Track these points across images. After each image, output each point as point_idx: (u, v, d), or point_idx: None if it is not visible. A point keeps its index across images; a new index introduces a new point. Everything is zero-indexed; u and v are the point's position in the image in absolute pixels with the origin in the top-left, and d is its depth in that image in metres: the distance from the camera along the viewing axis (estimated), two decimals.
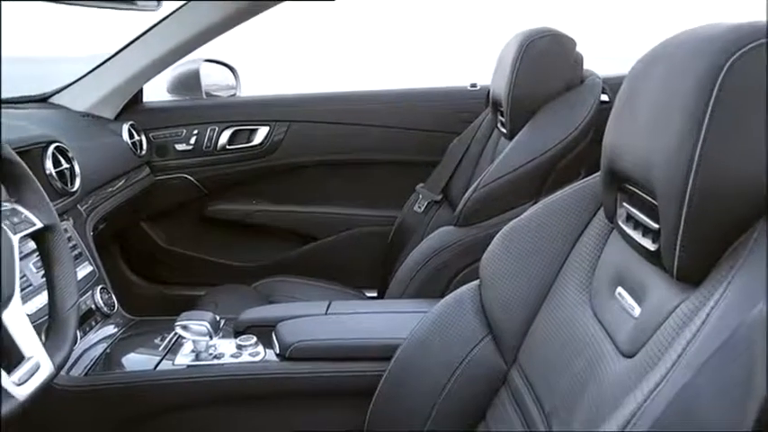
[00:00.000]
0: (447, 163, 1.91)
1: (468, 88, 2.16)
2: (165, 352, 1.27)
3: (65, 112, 1.94)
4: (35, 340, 0.89)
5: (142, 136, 2.07)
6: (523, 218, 1.04)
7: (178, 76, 2.24)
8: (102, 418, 1.24)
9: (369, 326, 1.28)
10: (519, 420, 0.93)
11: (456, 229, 1.51)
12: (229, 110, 2.21)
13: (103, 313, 1.39)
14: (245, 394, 1.22)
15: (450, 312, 1.06)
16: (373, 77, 8.27)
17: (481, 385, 1.02)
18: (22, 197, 0.99)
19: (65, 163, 1.51)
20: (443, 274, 1.49)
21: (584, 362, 0.80)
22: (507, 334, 1.00)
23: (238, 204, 2.25)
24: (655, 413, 0.56)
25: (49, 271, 1.00)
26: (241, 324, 1.31)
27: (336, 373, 1.20)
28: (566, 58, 1.55)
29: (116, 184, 1.85)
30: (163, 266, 2.29)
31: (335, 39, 36.00)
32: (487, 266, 1.05)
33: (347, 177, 2.21)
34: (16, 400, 0.83)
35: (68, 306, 0.99)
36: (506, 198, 1.46)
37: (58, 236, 1.01)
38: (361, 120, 2.16)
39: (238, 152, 2.17)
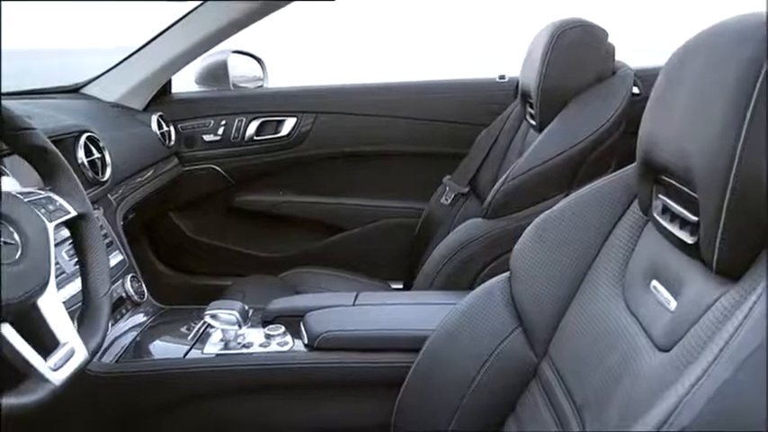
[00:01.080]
0: (474, 155, 1.90)
1: (496, 80, 2.14)
2: (194, 341, 1.28)
3: (95, 102, 1.96)
4: (70, 326, 0.91)
5: (171, 127, 2.09)
6: (555, 210, 1.02)
7: (206, 67, 2.25)
8: (132, 404, 1.25)
9: (397, 317, 1.28)
10: (549, 413, 0.92)
11: (484, 221, 1.50)
12: (257, 101, 2.22)
13: (134, 301, 1.40)
14: (273, 383, 1.22)
15: (480, 304, 1.06)
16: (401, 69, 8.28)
17: (511, 378, 1.01)
18: (56, 185, 1.01)
19: (96, 153, 1.53)
20: (471, 267, 1.49)
21: (618, 355, 0.80)
22: (538, 327, 0.99)
23: (265, 195, 2.26)
24: (695, 408, 0.55)
25: (82, 258, 1.02)
26: (269, 314, 1.32)
27: (364, 364, 1.20)
28: (597, 50, 1.53)
29: (145, 174, 1.87)
30: (190, 256, 2.31)
31: (363, 30, 36.15)
32: (518, 258, 1.04)
33: (374, 169, 2.21)
34: (52, 385, 0.84)
35: (102, 293, 1.00)
36: (536, 190, 1.45)
37: (92, 224, 1.02)
38: (389, 111, 2.15)
39: (266, 143, 2.18)
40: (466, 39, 23.76)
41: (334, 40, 24.35)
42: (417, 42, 18.59)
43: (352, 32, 36.09)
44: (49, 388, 0.83)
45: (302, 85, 2.33)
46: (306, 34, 24.46)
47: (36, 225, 0.90)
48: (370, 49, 18.49)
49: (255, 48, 2.43)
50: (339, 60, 12.82)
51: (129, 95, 2.02)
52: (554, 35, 1.50)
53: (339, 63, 12.07)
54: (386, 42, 18.72)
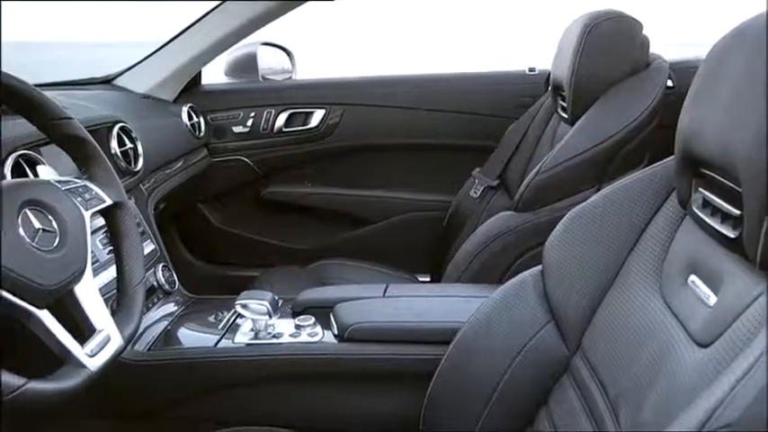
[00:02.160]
0: (504, 148, 1.89)
1: (526, 72, 2.13)
2: (224, 330, 1.29)
3: (127, 93, 1.98)
4: (106, 314, 0.92)
5: (200, 118, 2.10)
6: (589, 203, 1.01)
7: (235, 59, 2.26)
8: (163, 392, 1.26)
9: (427, 309, 1.28)
10: (582, 407, 0.92)
11: (515, 214, 1.49)
12: (286, 93, 2.22)
13: (165, 291, 1.42)
14: (303, 374, 1.23)
15: (512, 297, 1.05)
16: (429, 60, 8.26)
17: (543, 371, 1.01)
18: (92, 174, 1.02)
19: (128, 143, 1.54)
20: (501, 260, 1.48)
21: (654, 350, 0.79)
22: (571, 321, 0.98)
23: (293, 187, 2.26)
24: (740, 406, 0.54)
25: (117, 247, 1.03)
26: (299, 304, 1.32)
27: (394, 356, 1.20)
28: (632, 42, 1.51)
29: (175, 165, 1.88)
30: (218, 247, 2.33)
31: (394, 22, 36.19)
32: (551, 252, 1.03)
33: (402, 161, 2.21)
34: (88, 371, 0.85)
35: (136, 281, 1.01)
36: (567, 184, 1.44)
37: (127, 213, 1.03)
38: (417, 104, 2.15)
39: (294, 135, 2.18)
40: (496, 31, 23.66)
41: (365, 31, 24.47)
42: (446, 35, 18.53)
43: (382, 24, 36.11)
44: (86, 374, 0.85)
45: (331, 77, 2.33)
46: (335, 26, 24.45)
47: (73, 213, 0.91)
48: (400, 40, 18.45)
49: (284, 40, 2.43)
50: (368, 52, 12.83)
51: (159, 87, 2.04)
52: (587, 26, 1.48)
53: (368, 55, 12.07)
54: (415, 34, 18.69)
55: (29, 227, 0.83)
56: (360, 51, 12.34)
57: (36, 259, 0.81)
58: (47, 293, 0.82)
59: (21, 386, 0.75)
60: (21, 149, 1.15)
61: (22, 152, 1.16)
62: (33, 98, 0.93)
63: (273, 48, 2.38)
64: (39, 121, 0.96)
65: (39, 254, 0.82)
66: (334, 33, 35.08)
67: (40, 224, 0.84)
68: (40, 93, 0.94)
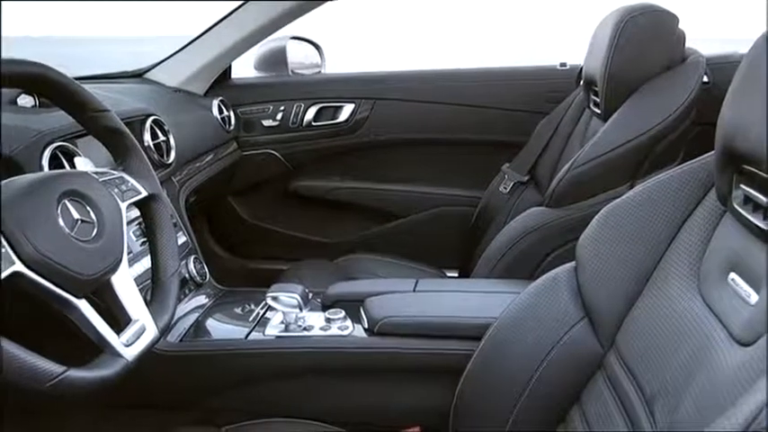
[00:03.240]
0: (534, 143, 1.87)
1: (557, 67, 2.11)
2: (254, 322, 1.30)
3: (159, 87, 2.00)
4: (141, 304, 0.93)
5: (231, 111, 2.12)
6: (625, 199, 1.00)
7: (265, 53, 2.28)
8: (194, 383, 1.28)
9: (458, 304, 1.27)
10: (615, 404, 0.91)
11: (546, 210, 1.48)
12: (315, 87, 2.23)
13: (196, 282, 1.43)
14: (333, 367, 1.23)
15: (545, 293, 1.04)
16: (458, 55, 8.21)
17: (575, 368, 1.00)
18: (128, 166, 1.03)
19: (161, 136, 1.56)
20: (533, 256, 1.47)
21: (692, 348, 0.77)
22: (605, 318, 0.97)
23: (322, 181, 2.27)
24: None
25: (152, 238, 1.04)
26: (329, 298, 1.33)
27: (424, 351, 1.20)
28: (667, 36, 1.49)
29: (206, 158, 1.90)
30: (247, 240, 2.34)
31: (422, 16, 36.05)
32: (585, 248, 1.02)
33: (431, 156, 2.20)
34: (125, 360, 0.86)
35: (171, 272, 1.02)
36: (600, 180, 1.42)
37: (162, 205, 1.04)
38: (446, 98, 2.14)
39: (323, 129, 2.19)
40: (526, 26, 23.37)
41: (393, 25, 24.36)
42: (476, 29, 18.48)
43: (410, 18, 36.02)
44: (123, 363, 0.86)
45: (361, 72, 2.33)
46: (365, 19, 24.43)
47: (110, 204, 0.92)
48: (429, 35, 18.39)
49: (314, 34, 2.44)
50: (398, 46, 12.81)
51: (190, 80, 2.06)
52: (622, 20, 1.46)
53: (397, 49, 12.06)
54: (444, 28, 18.63)
55: (68, 217, 0.84)
56: (389, 45, 12.33)
57: (75, 249, 0.83)
58: (85, 283, 0.83)
59: (61, 374, 0.77)
60: (58, 141, 1.17)
61: (59, 144, 1.17)
62: (73, 90, 0.94)
63: (303, 42, 2.39)
64: (77, 114, 0.98)
65: (77, 244, 0.83)
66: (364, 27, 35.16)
67: (79, 215, 0.86)
68: (80, 85, 0.96)
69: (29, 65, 0.88)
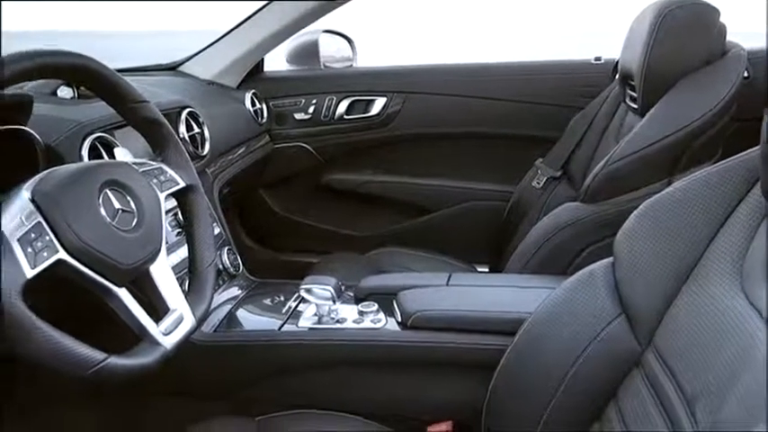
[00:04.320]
0: (568, 138, 1.85)
1: (591, 62, 2.08)
2: (287, 314, 1.31)
3: (192, 80, 2.02)
4: (179, 294, 0.94)
5: (263, 104, 2.13)
6: (665, 195, 0.98)
7: (297, 46, 2.28)
8: (227, 373, 1.29)
9: (491, 299, 1.27)
10: (654, 403, 0.89)
11: (581, 205, 1.46)
12: (347, 80, 2.23)
13: (229, 274, 1.44)
14: (366, 360, 1.23)
15: (582, 289, 1.03)
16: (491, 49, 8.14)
17: (612, 365, 0.98)
18: (167, 157, 1.04)
19: (196, 128, 1.57)
20: (566, 251, 1.45)
21: (736, 347, 0.76)
22: (643, 315, 0.96)
23: (353, 174, 2.27)
24: None
25: (189, 229, 1.05)
26: (362, 291, 1.33)
27: (457, 345, 1.19)
28: (707, 30, 1.46)
29: (239, 150, 1.91)
30: (277, 233, 2.36)
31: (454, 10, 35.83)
32: (623, 244, 1.00)
33: (463, 150, 2.19)
34: (164, 348, 0.87)
35: (207, 263, 1.03)
36: (637, 176, 1.40)
37: (200, 196, 1.05)
38: (479, 92, 2.12)
39: (355, 122, 2.19)
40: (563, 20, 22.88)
41: (425, 19, 24.18)
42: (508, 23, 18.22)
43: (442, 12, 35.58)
44: (162, 351, 0.87)
45: (393, 65, 2.32)
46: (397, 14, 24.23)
47: (150, 194, 0.93)
48: (461, 28, 18.28)
49: (346, 27, 2.44)
50: (429, 40, 12.76)
51: (223, 73, 2.08)
52: (661, 14, 1.43)
53: (429, 43, 12.01)
54: (476, 22, 18.43)
55: (109, 207, 0.85)
56: (422, 39, 12.29)
57: (116, 238, 0.84)
58: (125, 272, 0.85)
59: (102, 361, 0.78)
60: (97, 132, 1.19)
61: (99, 135, 1.19)
62: (114, 82, 0.96)
63: (335, 35, 2.39)
64: (117, 104, 0.99)
65: (118, 233, 0.84)
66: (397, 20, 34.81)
67: (120, 204, 0.87)
68: (120, 76, 0.97)
69: (72, 56, 0.89)
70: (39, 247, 0.75)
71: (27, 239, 0.74)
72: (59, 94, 1.36)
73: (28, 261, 0.73)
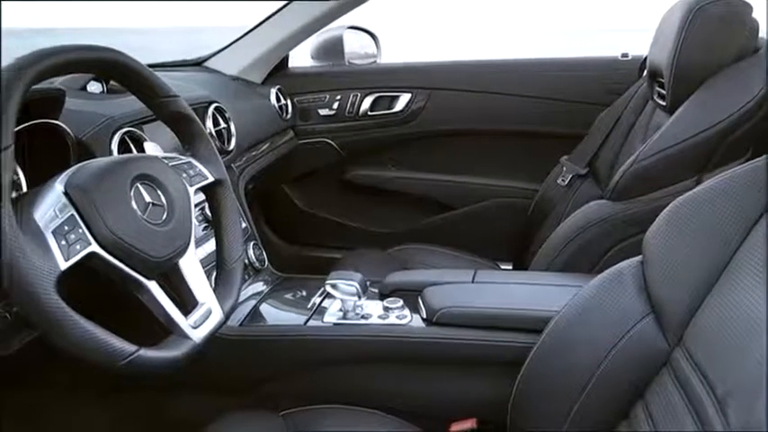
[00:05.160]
0: (594, 135, 1.83)
1: (618, 58, 2.06)
2: (313, 309, 1.31)
3: (218, 75, 2.03)
4: (208, 288, 0.94)
5: (288, 100, 2.13)
6: (695, 193, 0.97)
7: (322, 42, 2.28)
8: (252, 368, 1.29)
9: (518, 297, 1.26)
10: (683, 403, 0.88)
11: (608, 203, 1.45)
12: (372, 76, 2.23)
13: (255, 268, 1.45)
14: (390, 356, 1.23)
15: (610, 287, 1.02)
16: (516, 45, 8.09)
17: (640, 364, 0.98)
18: (196, 151, 1.05)
19: (222, 123, 1.58)
20: (594, 249, 1.44)
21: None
22: (672, 314, 0.95)
23: (377, 170, 2.28)
24: None
25: (218, 223, 1.05)
26: (387, 287, 1.33)
27: (483, 342, 1.19)
28: (739, 26, 1.43)
29: (263, 145, 1.92)
30: (301, 228, 2.36)
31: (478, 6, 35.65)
32: (653, 243, 0.99)
33: (487, 147, 2.18)
34: (193, 342, 0.88)
35: (235, 257, 1.03)
36: (666, 174, 1.38)
37: (228, 190, 1.06)
38: (504, 89, 2.11)
39: (379, 118, 2.19)
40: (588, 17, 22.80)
41: (449, 16, 24.10)
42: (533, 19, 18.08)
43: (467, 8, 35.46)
44: (191, 344, 0.87)
45: (417, 62, 2.32)
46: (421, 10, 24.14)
47: (180, 189, 0.93)
48: (485, 25, 18.19)
49: (370, 23, 2.44)
50: (453, 36, 12.71)
51: (249, 69, 2.09)
52: (692, 9, 1.41)
53: (453, 39, 11.97)
54: (501, 18, 18.34)
55: (140, 200, 0.86)
56: (445, 35, 12.22)
57: (147, 232, 0.84)
58: (155, 265, 0.85)
59: (134, 353, 0.78)
60: (126, 127, 1.20)
61: (128, 129, 1.20)
62: (145, 76, 0.96)
63: (359, 31, 2.39)
64: (148, 99, 0.99)
65: (149, 227, 0.85)
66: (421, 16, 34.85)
67: (150, 198, 0.87)
68: (151, 71, 0.97)
69: (105, 51, 0.90)
70: (72, 240, 0.76)
71: (60, 232, 0.75)
72: (89, 89, 1.38)
73: (62, 253, 0.74)
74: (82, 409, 1.43)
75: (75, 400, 1.42)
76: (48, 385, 1.41)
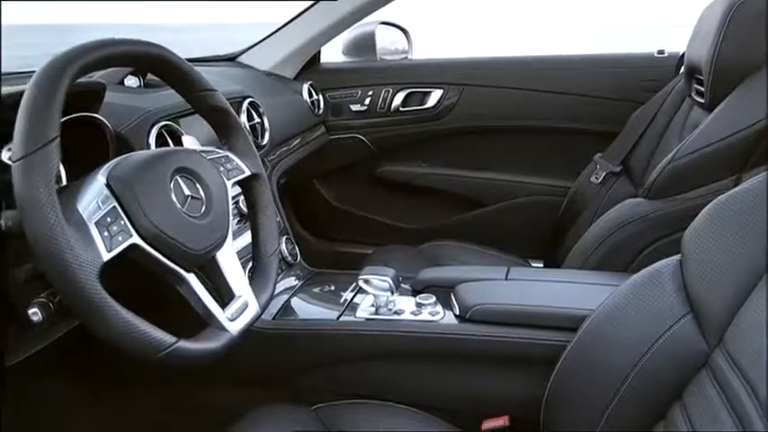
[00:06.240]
0: (629, 133, 1.81)
1: (654, 55, 2.03)
2: (345, 304, 1.31)
3: (251, 70, 2.05)
4: (244, 281, 0.95)
5: (320, 95, 2.14)
6: (738, 192, 0.95)
7: (354, 38, 2.29)
8: (285, 361, 1.30)
9: (552, 294, 1.25)
10: (723, 405, 0.87)
11: (644, 201, 1.43)
12: (404, 72, 2.23)
13: (287, 263, 1.45)
14: (423, 352, 1.23)
15: (648, 286, 1.00)
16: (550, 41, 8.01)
17: (678, 365, 0.96)
18: (233, 145, 1.05)
19: (256, 117, 1.58)
20: (629, 248, 1.42)
21: None
22: (712, 314, 0.93)
23: (408, 166, 2.27)
24: None
25: (254, 217, 1.06)
26: (419, 283, 1.32)
27: (516, 339, 1.18)
28: None
29: (295, 140, 1.93)
30: (331, 223, 2.37)
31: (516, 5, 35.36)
32: (693, 242, 0.98)
33: (518, 144, 2.17)
34: (230, 334, 0.88)
35: (271, 251, 1.04)
36: (705, 172, 1.36)
37: (264, 185, 1.06)
38: (537, 85, 2.10)
39: (411, 114, 2.19)
40: None
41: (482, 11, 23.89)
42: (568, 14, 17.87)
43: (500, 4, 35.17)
44: (228, 337, 0.88)
45: (449, 57, 2.31)
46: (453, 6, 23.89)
47: (218, 182, 0.94)
48: (519, 20, 18.04)
49: (402, 19, 2.43)
50: (487, 32, 12.64)
51: (281, 64, 2.10)
52: (732, 5, 1.39)
53: (487, 34, 11.90)
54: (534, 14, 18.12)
55: (180, 193, 0.87)
56: (478, 30, 12.15)
57: (186, 224, 0.85)
58: (194, 258, 0.86)
59: (173, 344, 0.79)
60: (164, 120, 1.21)
61: (165, 123, 1.21)
62: (185, 70, 0.97)
63: (390, 27, 2.39)
64: (186, 93, 1.00)
65: (188, 219, 0.86)
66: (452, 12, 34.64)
67: (190, 191, 0.88)
68: (191, 65, 0.98)
69: (148, 45, 0.91)
70: (114, 231, 0.77)
71: (103, 223, 0.76)
72: (126, 83, 1.39)
73: (104, 244, 0.75)
74: (114, 402, 1.45)
75: (110, 394, 1.44)
76: (82, 377, 1.43)
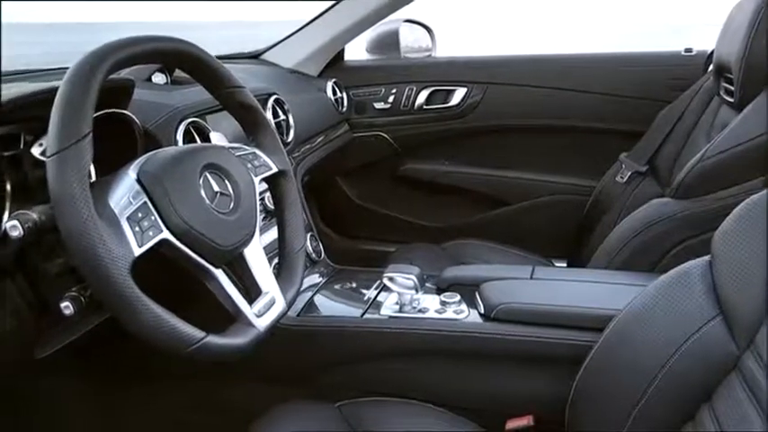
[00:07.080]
0: (655, 132, 1.79)
1: (681, 53, 2.01)
2: (369, 301, 1.31)
3: (275, 68, 2.05)
4: (271, 277, 0.95)
5: (343, 93, 2.14)
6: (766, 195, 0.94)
7: (378, 36, 2.29)
8: (309, 358, 1.30)
9: (578, 294, 1.24)
10: (753, 407, 0.86)
11: (671, 201, 1.41)
12: (428, 70, 2.22)
13: (311, 260, 1.46)
14: (447, 350, 1.23)
15: (676, 287, 0.99)
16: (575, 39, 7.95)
17: (707, 367, 0.95)
18: (261, 142, 1.06)
19: (281, 115, 1.59)
20: (655, 248, 1.40)
21: None
22: (743, 316, 0.92)
23: (431, 164, 2.27)
24: None
25: (281, 214, 1.06)
26: (444, 281, 1.32)
27: (541, 339, 1.17)
28: None
29: (319, 138, 1.94)
30: (354, 221, 2.37)
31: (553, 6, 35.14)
32: (723, 242, 0.96)
33: (543, 143, 2.16)
34: (257, 330, 0.89)
35: (297, 247, 1.05)
36: (734, 172, 1.34)
37: (291, 181, 1.07)
38: (562, 84, 2.08)
39: (434, 112, 2.18)
40: None
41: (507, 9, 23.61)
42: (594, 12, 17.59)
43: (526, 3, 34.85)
44: (255, 333, 0.88)
45: (473, 55, 2.31)
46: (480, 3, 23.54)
47: (246, 179, 0.95)
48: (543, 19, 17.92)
49: (426, 17, 2.43)
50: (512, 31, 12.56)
51: (305, 62, 2.11)
52: (764, 2, 1.37)
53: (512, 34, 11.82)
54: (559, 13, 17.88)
55: (209, 189, 0.87)
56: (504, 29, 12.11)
57: (215, 220, 0.86)
58: (222, 254, 0.87)
59: (202, 339, 0.80)
60: (191, 117, 1.22)
61: (192, 120, 1.22)
62: (214, 67, 0.98)
63: (414, 25, 2.39)
64: (215, 89, 1.01)
65: (217, 215, 0.86)
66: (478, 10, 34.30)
67: (218, 187, 0.89)
68: (219, 62, 0.99)
69: (178, 42, 0.92)
70: (145, 226, 0.77)
71: (134, 218, 0.77)
72: (154, 80, 1.41)
73: (135, 239, 0.76)
74: (142, 397, 1.46)
75: (140, 389, 1.45)
76: (108, 373, 1.44)
